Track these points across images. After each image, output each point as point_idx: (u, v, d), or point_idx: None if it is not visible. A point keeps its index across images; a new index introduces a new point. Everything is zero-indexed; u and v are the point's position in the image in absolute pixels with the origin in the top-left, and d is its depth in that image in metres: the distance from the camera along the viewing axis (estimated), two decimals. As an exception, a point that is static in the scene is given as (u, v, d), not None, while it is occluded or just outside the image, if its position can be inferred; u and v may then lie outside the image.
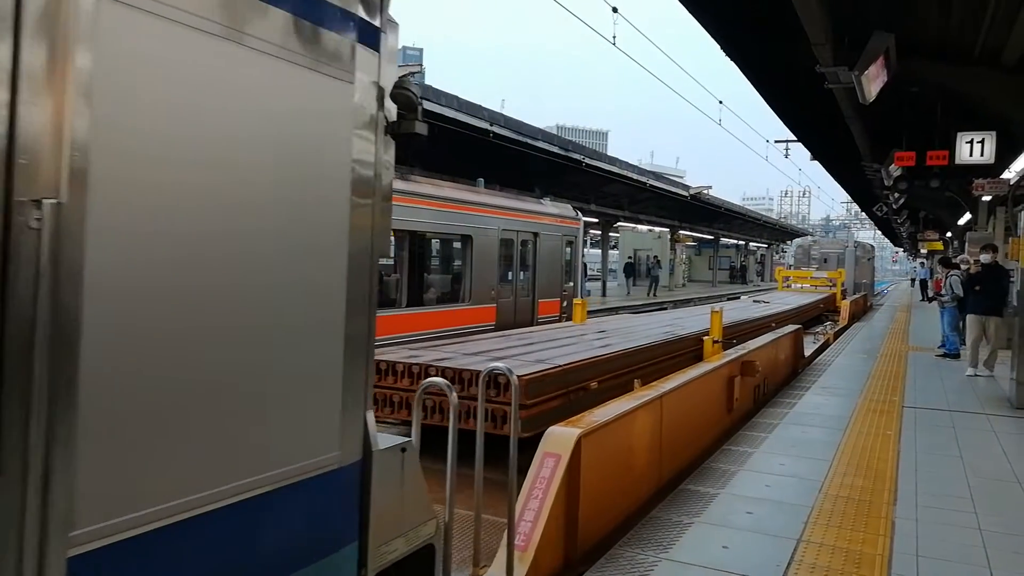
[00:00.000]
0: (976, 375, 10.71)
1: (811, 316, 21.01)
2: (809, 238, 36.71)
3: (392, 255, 11.02)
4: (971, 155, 12.38)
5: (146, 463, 1.62)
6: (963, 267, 12.92)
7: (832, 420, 7.44)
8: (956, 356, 12.41)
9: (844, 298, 24.21)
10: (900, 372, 10.95)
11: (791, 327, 11.87)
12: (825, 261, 30.92)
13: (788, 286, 27.71)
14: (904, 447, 6.45)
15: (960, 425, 7.49)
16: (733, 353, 8.29)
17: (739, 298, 24.66)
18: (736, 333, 11.58)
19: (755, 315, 14.84)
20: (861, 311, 24.95)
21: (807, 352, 13.24)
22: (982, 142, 12.25)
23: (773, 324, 14.36)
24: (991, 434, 7.18)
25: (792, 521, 4.52)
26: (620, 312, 25.10)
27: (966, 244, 18.13)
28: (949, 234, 31.92)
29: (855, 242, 33.16)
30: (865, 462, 5.90)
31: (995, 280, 10.86)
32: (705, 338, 10.07)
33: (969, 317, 11.35)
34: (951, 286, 12.38)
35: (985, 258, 11.26)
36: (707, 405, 6.94)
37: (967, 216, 21.76)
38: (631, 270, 39.31)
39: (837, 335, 17.20)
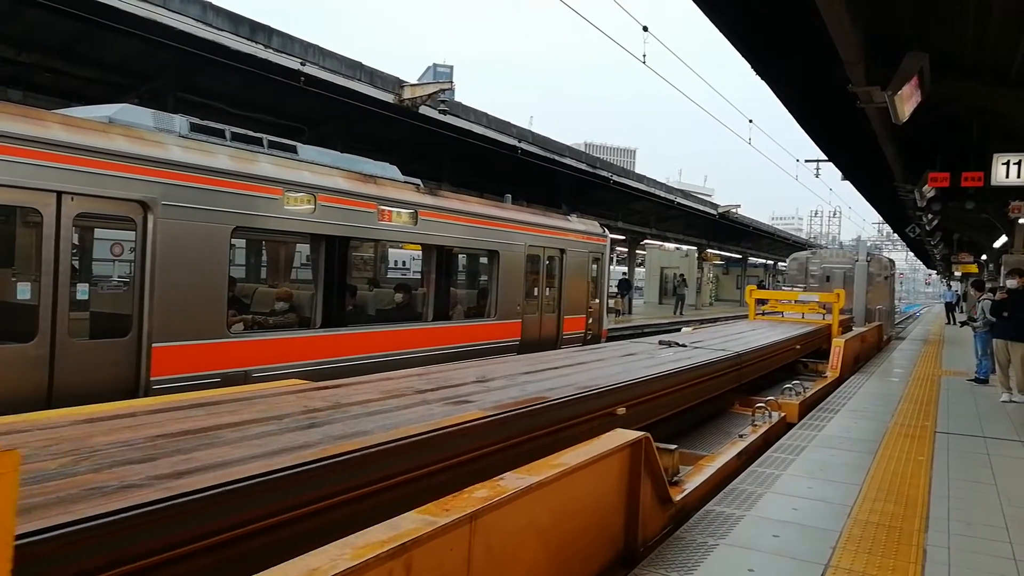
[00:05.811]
0: (1011, 400, 10.45)
1: (777, 365, 11.57)
2: (810, 251, 27.64)
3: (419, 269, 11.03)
4: (1008, 176, 12.15)
5: None
6: (989, 293, 12.64)
7: (861, 444, 7.30)
8: (985, 381, 12.12)
9: (847, 331, 16.05)
10: (932, 397, 10.72)
11: (606, 445, 4.09)
12: (828, 279, 23.05)
13: (762, 313, 18.27)
14: (936, 473, 6.31)
15: (995, 452, 7.31)
16: None
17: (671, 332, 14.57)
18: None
19: (555, 395, 5.34)
20: (873, 349, 17.05)
21: (700, 478, 5.69)
22: (1019, 163, 12.02)
23: (618, 411, 5.80)
24: (1027, 462, 7.00)
25: (820, 545, 4.44)
26: (644, 332, 24.88)
27: (1002, 268, 17.76)
28: (984, 257, 31.33)
29: (868, 255, 23.61)
30: (896, 488, 5.78)
31: (1023, 306, 10.57)
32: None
33: (995, 342, 11.08)
34: (983, 310, 12.11)
35: (1012, 283, 10.97)
36: None
37: (1003, 239, 21.33)
38: (626, 287, 34.25)
39: (810, 406, 9.47)
